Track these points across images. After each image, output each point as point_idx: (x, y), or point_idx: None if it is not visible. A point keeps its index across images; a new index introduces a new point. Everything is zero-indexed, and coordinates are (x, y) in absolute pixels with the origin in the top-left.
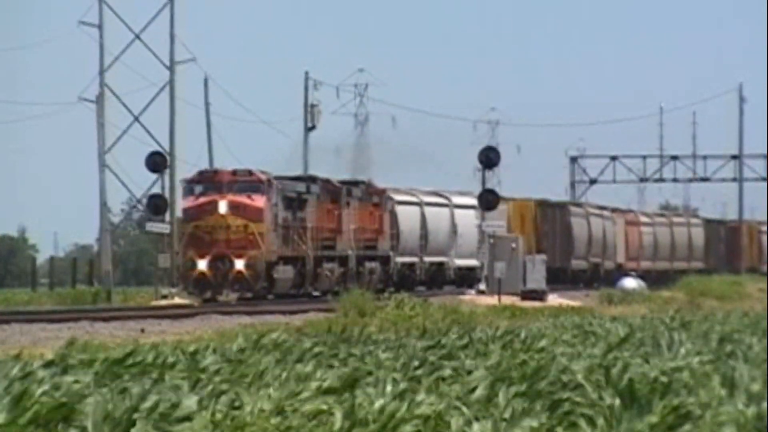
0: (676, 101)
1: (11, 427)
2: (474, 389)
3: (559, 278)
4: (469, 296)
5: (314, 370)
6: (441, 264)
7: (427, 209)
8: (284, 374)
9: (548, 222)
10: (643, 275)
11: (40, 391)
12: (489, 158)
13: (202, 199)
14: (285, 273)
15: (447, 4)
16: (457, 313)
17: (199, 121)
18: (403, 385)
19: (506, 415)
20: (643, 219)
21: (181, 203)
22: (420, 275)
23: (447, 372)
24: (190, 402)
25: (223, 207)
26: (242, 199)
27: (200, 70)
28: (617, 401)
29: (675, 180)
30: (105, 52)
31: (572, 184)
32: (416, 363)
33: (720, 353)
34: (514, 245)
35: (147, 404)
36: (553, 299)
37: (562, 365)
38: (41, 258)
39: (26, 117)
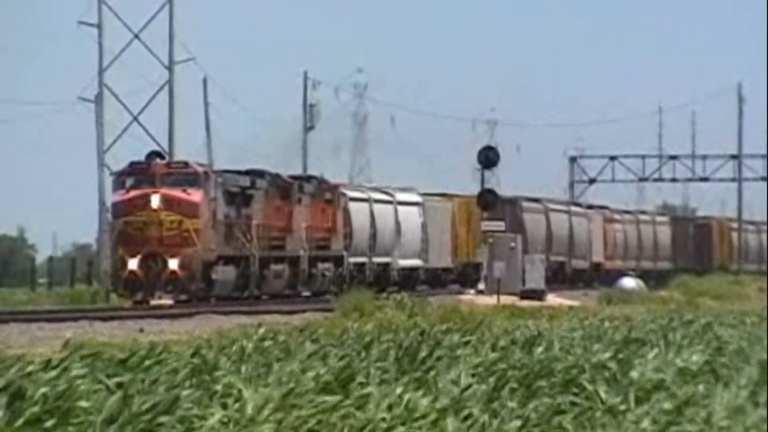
0: (675, 101)
1: (10, 427)
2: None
3: None
4: (468, 296)
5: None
6: (387, 265)
7: (375, 206)
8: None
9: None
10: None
11: (39, 391)
12: (488, 158)
13: (133, 193)
14: (225, 274)
15: (446, 4)
16: (456, 313)
17: (198, 120)
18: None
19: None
20: (620, 217)
21: (110, 197)
22: (369, 276)
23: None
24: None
25: (155, 201)
26: (177, 193)
27: (199, 70)
28: (617, 400)
29: (674, 180)
30: (104, 51)
31: (571, 184)
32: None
33: (719, 353)
34: (513, 245)
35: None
36: (552, 299)
37: (563, 364)
38: (40, 258)
39: (25, 116)
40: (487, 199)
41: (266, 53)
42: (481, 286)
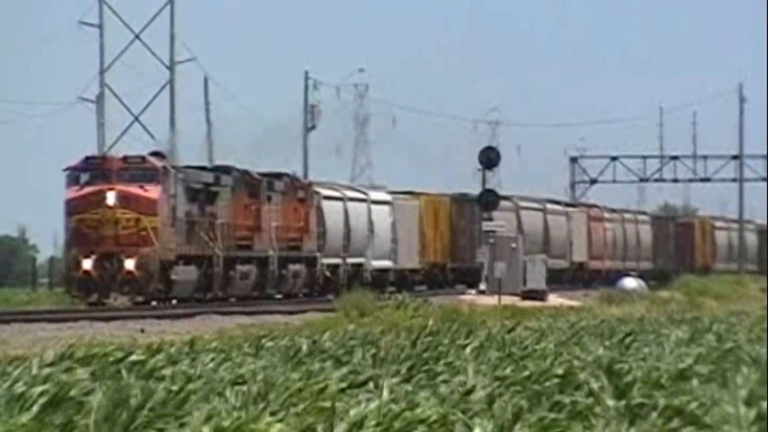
0: (677, 101)
1: (10, 426)
2: (472, 390)
3: (477, 279)
4: (470, 296)
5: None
6: (360, 266)
7: (350, 205)
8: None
9: (465, 218)
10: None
11: (39, 390)
12: (489, 158)
13: (87, 189)
14: (186, 274)
15: (447, 4)
16: (457, 313)
17: (199, 120)
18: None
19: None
20: (608, 215)
21: (63, 194)
22: (343, 278)
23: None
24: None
25: (111, 198)
26: (134, 189)
27: (200, 70)
28: (617, 402)
29: (675, 180)
30: (105, 52)
31: (572, 185)
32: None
33: (719, 353)
34: (514, 245)
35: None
36: (553, 299)
37: (563, 365)
38: (41, 258)
39: (26, 117)
40: (488, 200)
41: (267, 53)
42: (482, 286)
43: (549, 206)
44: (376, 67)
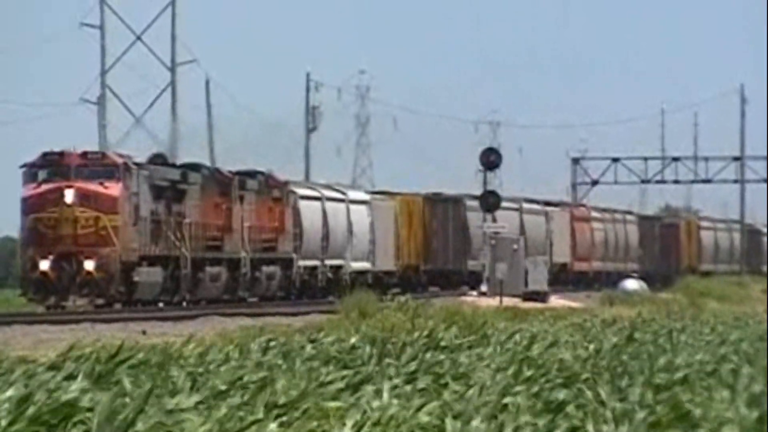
0: (678, 103)
1: (13, 427)
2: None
3: (451, 282)
4: (471, 298)
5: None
6: (339, 267)
7: (328, 205)
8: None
9: (439, 219)
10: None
11: (41, 393)
12: (490, 160)
13: (44, 187)
14: (150, 276)
15: (448, 5)
16: (459, 315)
17: (201, 122)
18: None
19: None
20: (597, 215)
21: (20, 191)
22: (322, 281)
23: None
24: (188, 402)
25: (69, 196)
26: (93, 186)
27: (202, 72)
28: (618, 402)
29: (676, 181)
30: (106, 53)
31: (574, 186)
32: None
33: (720, 354)
34: (515, 246)
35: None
36: (555, 300)
37: (564, 365)
38: None
39: (27, 118)
40: (490, 201)
41: (268, 55)
42: (484, 287)
43: (525, 205)
44: (378, 68)
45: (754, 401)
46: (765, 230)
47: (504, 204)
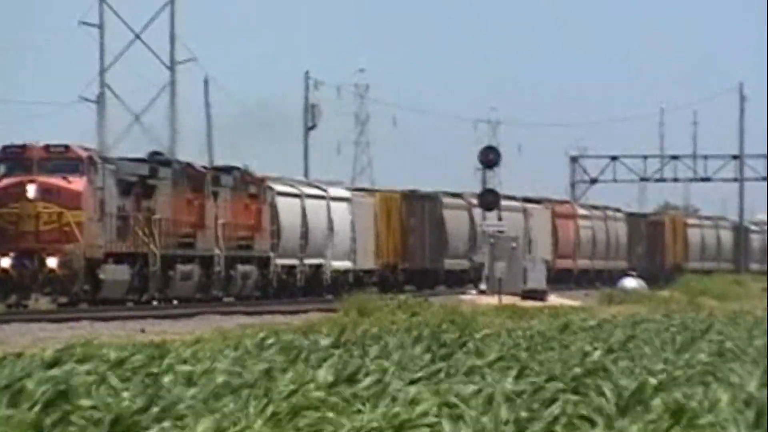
0: (677, 101)
1: (11, 422)
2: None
3: (428, 280)
4: (470, 296)
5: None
6: (319, 267)
7: (308, 202)
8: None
9: (416, 217)
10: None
11: (40, 390)
12: (489, 158)
13: (5, 182)
14: (117, 274)
15: (447, 4)
16: (458, 314)
17: (200, 120)
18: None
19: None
20: (583, 212)
21: None
22: (300, 280)
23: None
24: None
25: (31, 191)
26: (56, 181)
27: (201, 70)
28: (614, 403)
29: (675, 180)
30: (106, 51)
31: (572, 184)
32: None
33: (718, 353)
34: (514, 245)
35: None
36: (554, 299)
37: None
38: None
39: (27, 116)
40: (489, 199)
41: (268, 53)
42: (483, 286)
43: (503, 203)
44: (377, 67)
45: (751, 400)
46: (752, 227)
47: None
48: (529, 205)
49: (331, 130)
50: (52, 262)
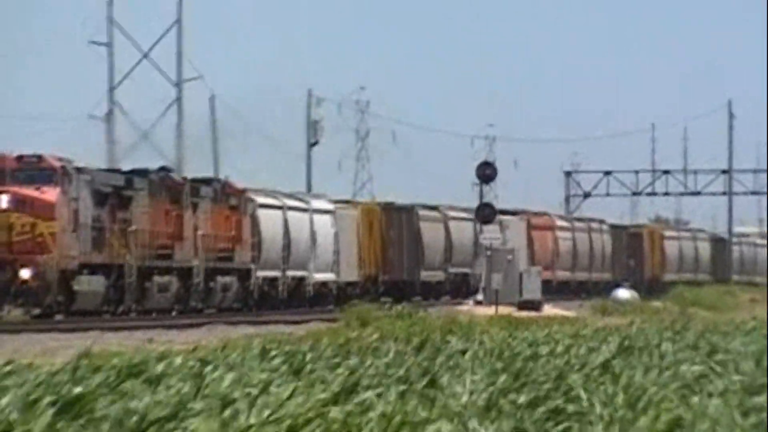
0: (668, 118)
1: (22, 428)
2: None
3: (405, 293)
4: (467, 307)
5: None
6: (302, 279)
7: (290, 214)
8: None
9: (395, 228)
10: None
11: (48, 398)
12: (486, 173)
13: None
14: (92, 285)
15: (445, 21)
16: (456, 323)
17: (206, 137)
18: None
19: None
20: (561, 224)
21: None
22: (282, 292)
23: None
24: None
25: (4, 201)
26: (30, 191)
27: (207, 88)
28: (612, 409)
29: (666, 194)
30: (114, 70)
31: (567, 198)
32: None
33: (712, 362)
34: (510, 257)
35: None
36: (549, 309)
37: (559, 374)
38: None
39: (35, 134)
40: (485, 213)
41: (272, 71)
42: (480, 296)
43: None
44: (377, 83)
45: (742, 409)
46: (730, 238)
47: (454, 214)
48: (504, 217)
49: (333, 146)
50: (24, 273)
